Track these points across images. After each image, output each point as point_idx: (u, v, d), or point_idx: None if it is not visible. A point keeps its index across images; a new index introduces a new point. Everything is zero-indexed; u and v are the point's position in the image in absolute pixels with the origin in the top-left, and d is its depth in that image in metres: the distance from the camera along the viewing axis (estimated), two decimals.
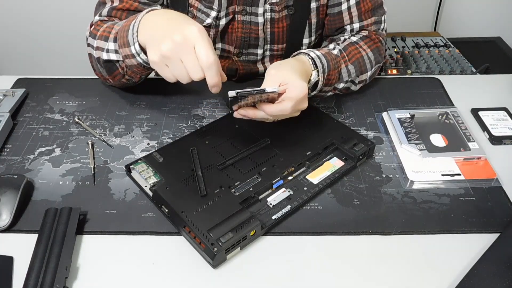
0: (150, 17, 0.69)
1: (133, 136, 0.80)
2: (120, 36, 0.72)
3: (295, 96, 0.67)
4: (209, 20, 0.85)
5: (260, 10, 0.85)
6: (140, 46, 0.69)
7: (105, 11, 0.83)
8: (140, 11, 0.83)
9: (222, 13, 0.85)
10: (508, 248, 0.60)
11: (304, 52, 0.79)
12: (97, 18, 0.84)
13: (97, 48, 0.79)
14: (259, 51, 0.92)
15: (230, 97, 0.63)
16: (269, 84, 0.69)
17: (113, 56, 0.76)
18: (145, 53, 0.70)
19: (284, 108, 0.67)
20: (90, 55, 0.83)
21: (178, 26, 0.63)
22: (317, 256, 0.61)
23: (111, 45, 0.76)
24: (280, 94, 0.67)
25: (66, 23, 1.83)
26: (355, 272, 0.59)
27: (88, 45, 0.83)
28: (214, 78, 0.63)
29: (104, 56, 0.77)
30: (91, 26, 0.84)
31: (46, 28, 1.86)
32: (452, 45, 1.40)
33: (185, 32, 0.62)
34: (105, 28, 0.79)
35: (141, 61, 0.72)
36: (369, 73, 0.87)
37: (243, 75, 0.94)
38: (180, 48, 0.62)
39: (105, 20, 0.83)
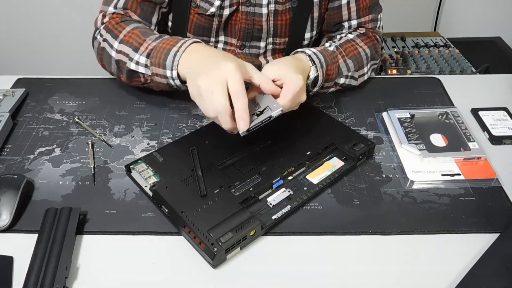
0: (193, 55, 0.71)
1: (133, 136, 0.80)
2: (155, 55, 0.74)
3: (292, 89, 0.67)
4: (212, 9, 0.86)
5: (264, 1, 0.86)
6: (177, 73, 0.72)
7: (121, 2, 0.84)
8: (150, 1, 0.83)
9: (226, 3, 0.86)
10: (508, 248, 0.60)
11: (300, 51, 0.80)
12: (111, 9, 0.84)
13: (120, 52, 0.79)
14: (262, 44, 0.93)
15: (243, 135, 0.63)
16: (265, 77, 0.69)
17: (141, 70, 0.77)
18: (181, 80, 0.73)
19: (283, 104, 0.67)
20: (102, 48, 0.83)
21: (215, 62, 0.65)
22: (317, 256, 0.61)
23: (142, 59, 0.77)
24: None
25: (66, 23, 1.84)
26: (355, 272, 0.59)
27: (102, 37, 0.82)
28: (239, 119, 0.62)
29: (132, 66, 0.78)
30: (103, 16, 0.84)
31: (46, 28, 1.86)
32: (452, 45, 1.40)
33: (220, 68, 0.63)
34: (131, 35, 0.79)
35: (173, 84, 0.74)
36: (365, 69, 0.89)
37: None
38: (213, 83, 0.62)
39: (121, 15, 0.84)
